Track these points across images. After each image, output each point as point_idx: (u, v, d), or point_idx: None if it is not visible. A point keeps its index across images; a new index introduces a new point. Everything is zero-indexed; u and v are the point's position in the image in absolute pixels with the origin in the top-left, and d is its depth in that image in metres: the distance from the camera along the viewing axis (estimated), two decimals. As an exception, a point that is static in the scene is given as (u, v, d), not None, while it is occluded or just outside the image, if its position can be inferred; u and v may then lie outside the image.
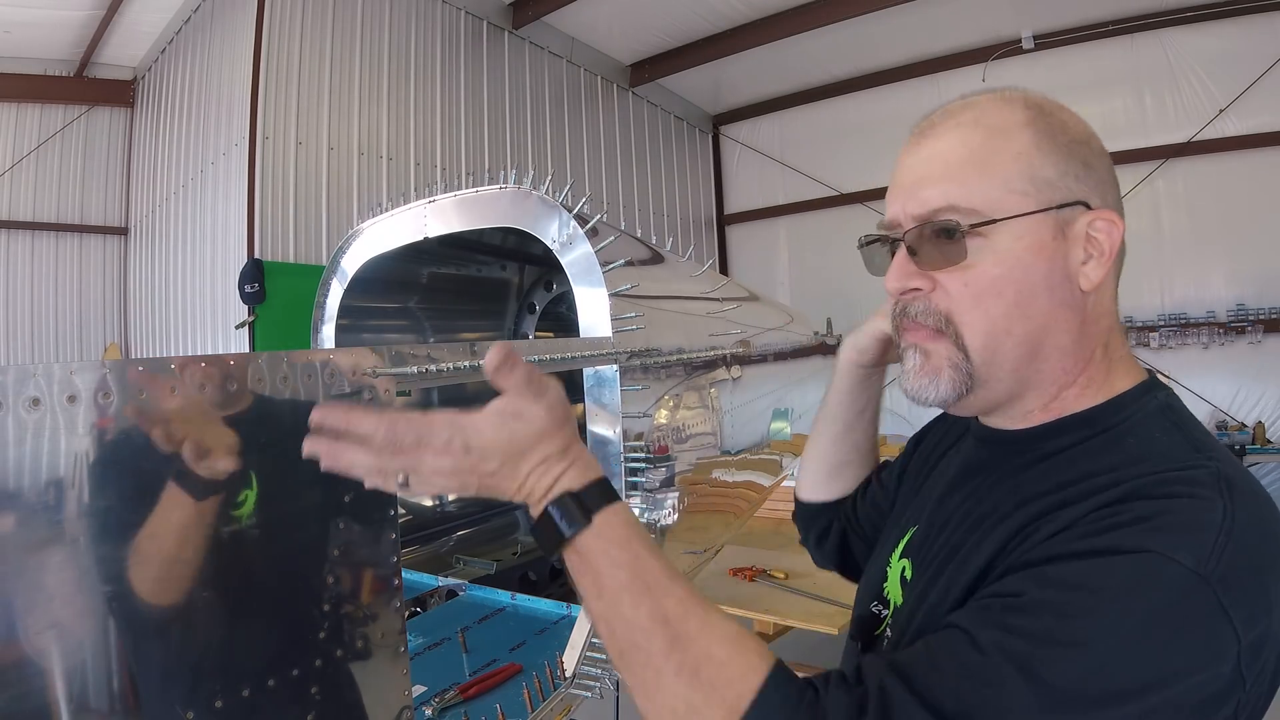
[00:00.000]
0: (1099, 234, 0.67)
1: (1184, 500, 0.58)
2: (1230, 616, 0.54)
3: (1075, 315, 0.68)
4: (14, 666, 0.59)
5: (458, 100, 6.01)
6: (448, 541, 2.30)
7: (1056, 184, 0.67)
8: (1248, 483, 0.62)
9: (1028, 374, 0.69)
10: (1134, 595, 0.55)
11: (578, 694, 1.25)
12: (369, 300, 1.99)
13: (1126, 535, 0.57)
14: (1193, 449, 0.64)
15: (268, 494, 0.76)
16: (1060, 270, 0.67)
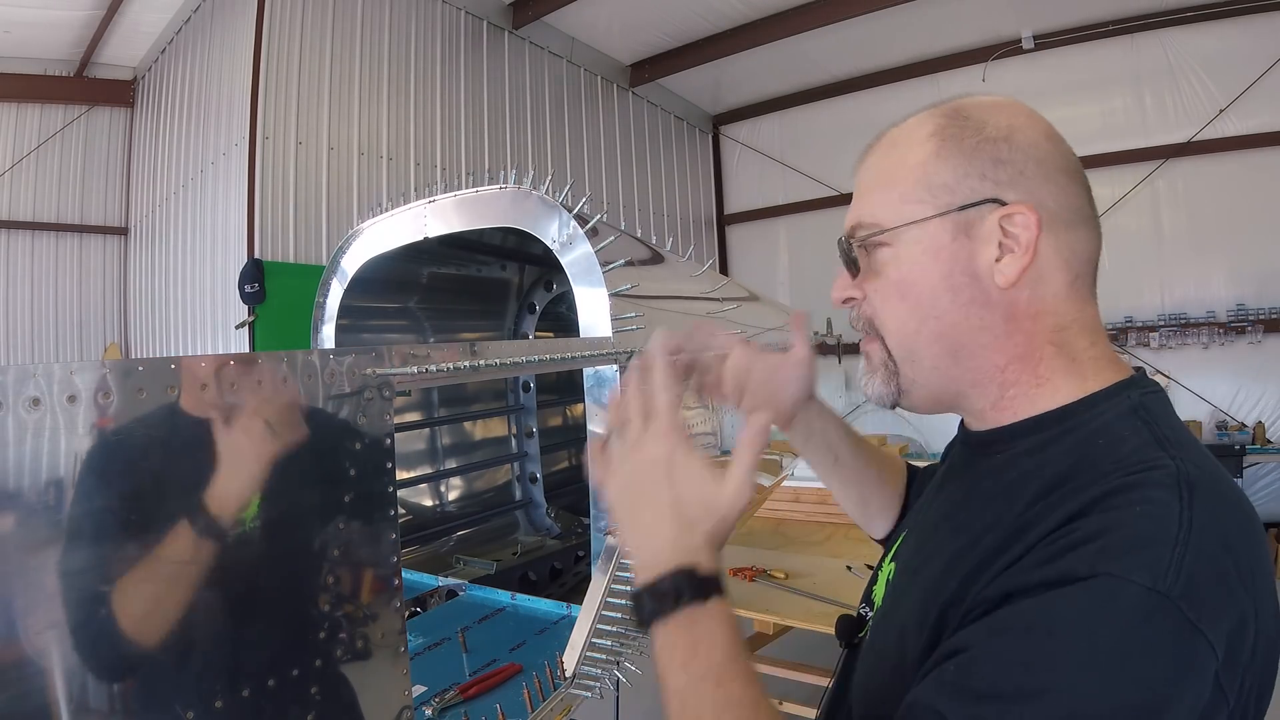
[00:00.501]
0: (1014, 228, 0.66)
1: (1136, 511, 0.55)
2: (1202, 630, 0.52)
3: (992, 313, 0.68)
4: (14, 666, 0.59)
5: (458, 100, 6.01)
6: (448, 541, 2.30)
7: (954, 187, 0.69)
8: (1214, 482, 0.59)
9: (956, 372, 0.71)
10: (1095, 626, 0.52)
11: (578, 694, 1.25)
12: (369, 300, 1.99)
13: (1078, 559, 0.54)
14: (1157, 447, 0.61)
15: (268, 494, 0.76)
16: (963, 269, 0.68)
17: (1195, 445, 0.63)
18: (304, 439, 0.80)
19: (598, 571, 1.32)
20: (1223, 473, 0.62)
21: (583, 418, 1.70)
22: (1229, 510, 0.58)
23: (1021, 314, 0.68)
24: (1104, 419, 0.65)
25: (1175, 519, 0.54)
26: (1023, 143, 0.68)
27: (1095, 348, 0.69)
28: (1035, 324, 0.68)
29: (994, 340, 0.69)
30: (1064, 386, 0.68)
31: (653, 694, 0.68)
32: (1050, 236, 0.67)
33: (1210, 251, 6.64)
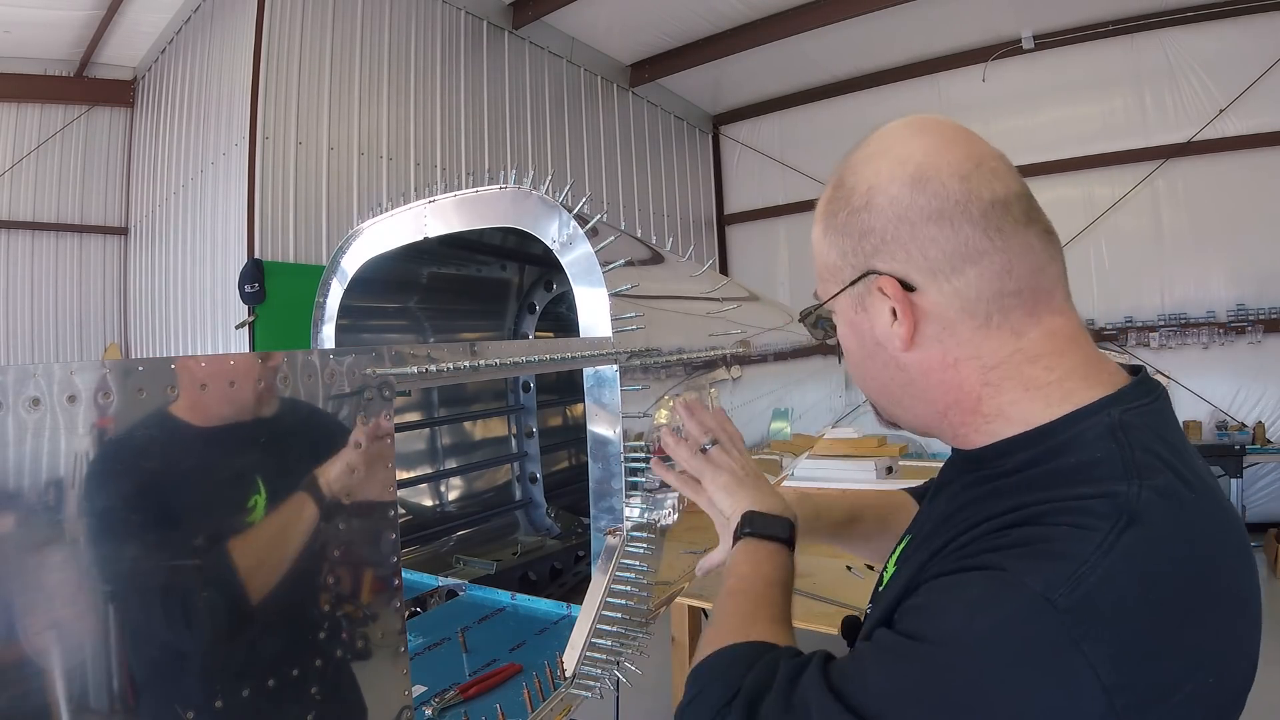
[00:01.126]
0: (888, 295, 0.68)
1: (1064, 529, 0.56)
2: (1083, 651, 0.52)
3: (906, 372, 0.72)
4: (14, 666, 0.59)
5: (458, 100, 6.01)
6: (448, 541, 2.30)
7: (841, 266, 0.73)
8: (1169, 518, 0.57)
9: (909, 416, 0.77)
10: (976, 611, 0.56)
11: (578, 694, 1.25)
12: (369, 300, 1.99)
13: (994, 556, 0.58)
14: (1123, 473, 0.59)
15: (268, 495, 0.76)
16: (870, 338, 0.73)
17: (1174, 468, 0.61)
18: (304, 439, 0.80)
19: (598, 571, 1.32)
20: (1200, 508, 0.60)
21: (583, 418, 1.70)
22: (1172, 548, 0.56)
23: (937, 366, 0.69)
24: (1082, 440, 0.64)
25: (1097, 542, 0.55)
26: (882, 204, 0.68)
27: (1055, 370, 0.67)
28: (957, 372, 0.69)
29: (922, 393, 0.72)
30: (1026, 414, 0.67)
31: (653, 694, 0.70)
32: (934, 290, 0.66)
33: (1210, 251, 6.64)
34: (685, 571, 1.66)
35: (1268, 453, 6.19)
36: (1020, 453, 0.67)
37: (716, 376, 1.78)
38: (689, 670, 0.77)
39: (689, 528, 1.60)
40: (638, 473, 1.32)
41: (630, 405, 1.33)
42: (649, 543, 1.32)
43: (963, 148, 0.67)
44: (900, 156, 0.68)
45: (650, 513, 1.34)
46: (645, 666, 1.33)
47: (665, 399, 1.47)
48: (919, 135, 0.69)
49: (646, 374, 1.39)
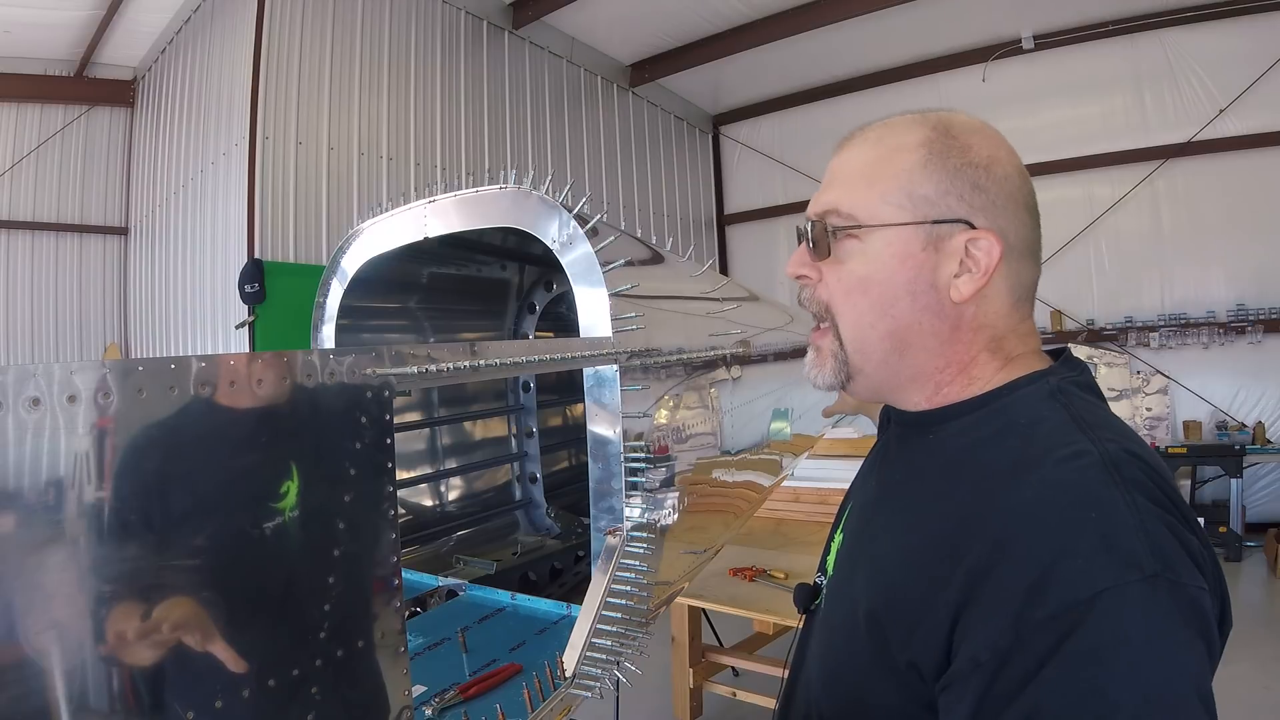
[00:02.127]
0: (978, 251, 0.72)
1: (1091, 517, 0.59)
2: (1186, 584, 0.57)
3: (943, 322, 0.74)
4: (14, 666, 0.59)
5: (458, 100, 6.01)
6: (448, 541, 2.30)
7: (935, 201, 0.73)
8: (1127, 449, 0.64)
9: (898, 367, 0.77)
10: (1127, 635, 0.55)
11: (578, 694, 1.25)
12: (369, 300, 1.99)
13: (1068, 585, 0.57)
14: (1074, 428, 0.66)
15: (268, 495, 0.76)
16: (926, 279, 0.74)
17: (1107, 419, 0.70)
18: (303, 440, 0.80)
19: (598, 571, 1.32)
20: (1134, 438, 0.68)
21: (583, 418, 1.70)
22: (1146, 469, 0.63)
23: (965, 326, 0.74)
24: (1026, 402, 0.71)
25: (1122, 506, 0.59)
26: (999, 174, 0.73)
27: (1024, 347, 0.76)
28: (976, 335, 0.75)
29: (938, 345, 0.75)
30: (987, 375, 0.75)
31: (653, 694, 0.69)
32: (1004, 264, 0.73)
33: (1210, 251, 6.64)
34: (685, 571, 1.66)
35: (1268, 453, 6.19)
36: (964, 417, 0.74)
37: (716, 376, 1.78)
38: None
39: (689, 527, 1.60)
40: (638, 473, 1.32)
41: (630, 405, 1.33)
42: (649, 543, 1.32)
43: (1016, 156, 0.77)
44: (1010, 148, 0.76)
45: (650, 513, 1.34)
46: (645, 666, 1.33)
47: (666, 399, 1.47)
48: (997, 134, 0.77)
49: (646, 374, 1.39)
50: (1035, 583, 0.58)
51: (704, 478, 1.72)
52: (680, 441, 1.54)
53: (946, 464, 0.73)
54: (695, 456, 1.63)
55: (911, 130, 0.76)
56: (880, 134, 0.78)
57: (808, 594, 0.92)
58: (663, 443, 1.45)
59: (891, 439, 0.86)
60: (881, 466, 0.87)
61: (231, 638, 0.72)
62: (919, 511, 0.73)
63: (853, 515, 0.90)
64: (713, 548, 1.84)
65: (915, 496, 0.76)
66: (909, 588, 0.68)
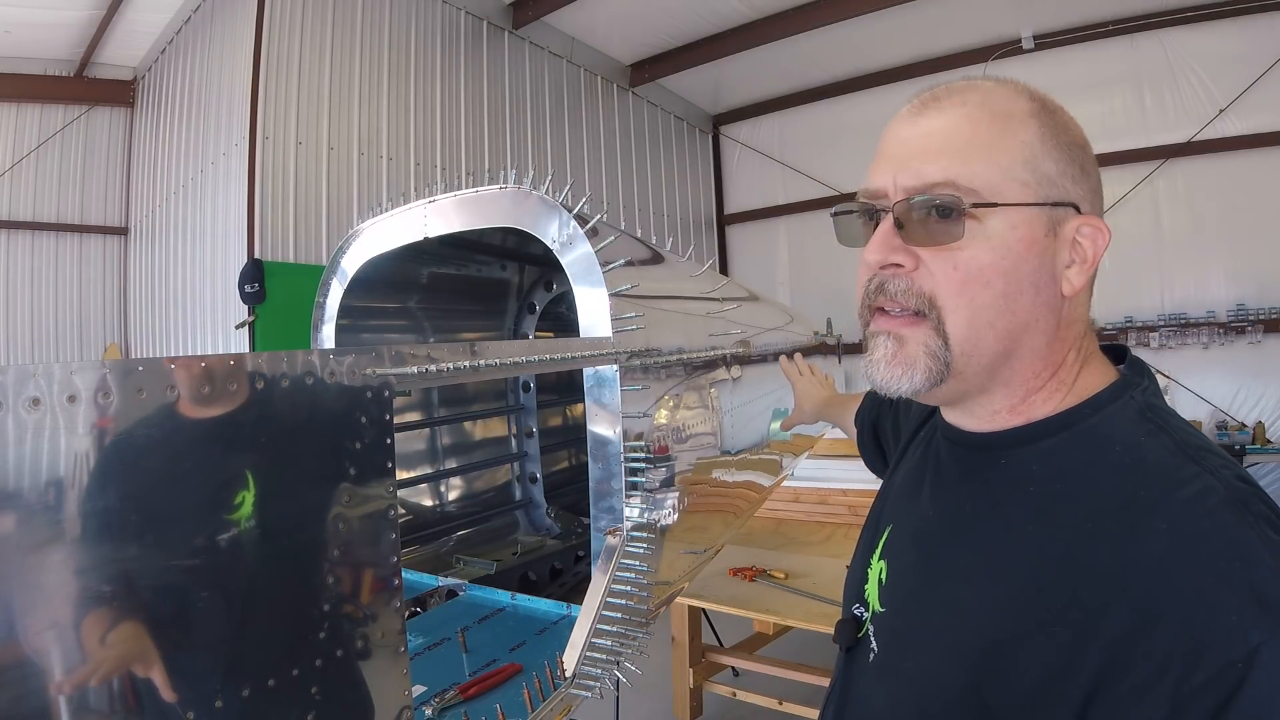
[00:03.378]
0: (1085, 240, 0.65)
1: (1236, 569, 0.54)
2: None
3: (1053, 317, 0.66)
4: (14, 666, 0.59)
5: (458, 100, 6.01)
6: (448, 541, 2.30)
7: (1055, 181, 0.65)
8: (1242, 479, 0.59)
9: (1002, 371, 0.67)
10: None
11: (578, 694, 1.25)
12: (369, 300, 1.99)
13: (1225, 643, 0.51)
14: (1184, 457, 0.60)
15: (268, 495, 0.76)
16: (1048, 269, 0.65)
17: (1209, 445, 0.63)
18: (304, 439, 0.80)
19: (598, 571, 1.32)
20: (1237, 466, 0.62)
21: (582, 418, 1.70)
22: (1260, 494, 0.59)
23: (1064, 321, 0.67)
24: (1116, 423, 0.64)
25: (1262, 551, 0.54)
26: (1093, 158, 0.68)
27: (1094, 344, 0.71)
28: (1070, 331, 0.68)
29: (1045, 346, 0.67)
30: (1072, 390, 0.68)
31: (653, 694, 0.69)
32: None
33: (1210, 251, 6.64)
34: (685, 571, 1.66)
35: (1268, 453, 6.19)
36: (1044, 440, 0.66)
37: (716, 376, 1.78)
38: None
39: (689, 527, 1.60)
40: (638, 473, 1.32)
41: (630, 405, 1.33)
42: (649, 543, 1.32)
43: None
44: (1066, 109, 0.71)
45: (650, 513, 1.34)
46: (645, 666, 1.33)
47: (667, 398, 1.47)
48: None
49: (646, 374, 1.39)
50: (1190, 649, 0.52)
51: (704, 478, 1.72)
52: (680, 441, 1.54)
53: (1036, 498, 0.63)
54: (695, 456, 1.63)
55: (1017, 97, 0.67)
56: (981, 98, 0.66)
57: (850, 630, 0.81)
58: (663, 443, 1.45)
59: (945, 458, 0.76)
60: (935, 489, 0.76)
61: (231, 637, 0.72)
62: (1009, 555, 0.63)
63: (900, 542, 0.78)
64: (713, 548, 1.85)
65: (999, 536, 0.65)
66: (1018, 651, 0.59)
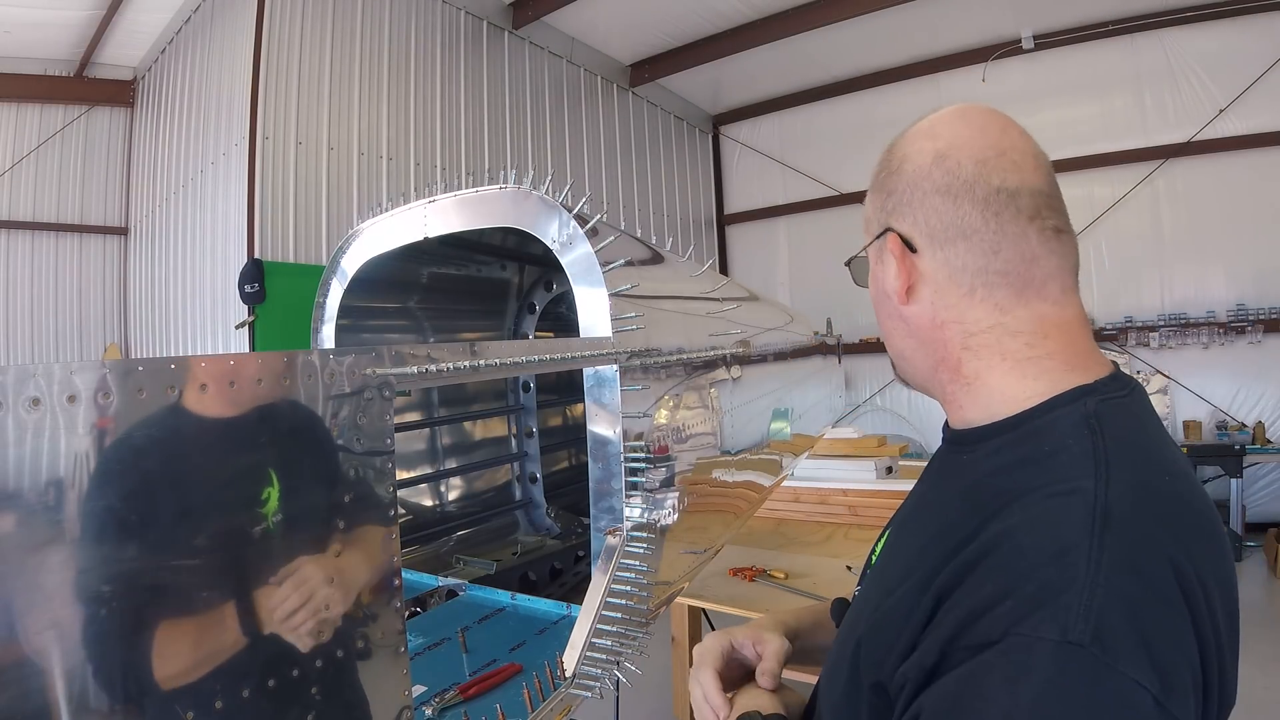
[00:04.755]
0: (892, 251, 0.76)
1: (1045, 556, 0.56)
2: (1120, 670, 0.52)
3: (906, 324, 0.78)
4: (14, 666, 0.59)
5: (458, 100, 6.01)
6: (448, 541, 2.30)
7: (873, 220, 0.80)
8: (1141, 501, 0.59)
9: (911, 371, 0.81)
10: (1012, 689, 0.53)
11: (578, 694, 1.25)
12: (369, 300, 1.99)
13: (991, 622, 0.55)
14: (1092, 462, 0.61)
15: (267, 494, 0.76)
16: (881, 289, 0.79)
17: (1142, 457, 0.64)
18: (304, 439, 0.80)
19: (598, 571, 1.32)
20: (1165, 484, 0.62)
21: (582, 418, 1.70)
22: (1153, 532, 0.58)
23: (928, 325, 0.75)
24: (1057, 427, 0.66)
25: (1084, 559, 0.55)
26: (909, 172, 0.75)
27: (1036, 349, 0.71)
28: (944, 331, 0.75)
29: (918, 346, 0.78)
30: (1004, 383, 0.72)
31: (653, 694, 0.69)
32: (932, 255, 0.73)
33: (1210, 251, 6.64)
34: (685, 571, 1.66)
35: (1268, 453, 6.19)
36: (998, 437, 0.71)
37: (716, 376, 1.78)
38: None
39: (689, 527, 1.60)
40: (638, 473, 1.32)
41: (630, 405, 1.33)
42: (649, 543, 1.32)
43: (992, 137, 0.73)
44: (936, 134, 0.75)
45: (650, 513, 1.34)
46: (645, 666, 1.33)
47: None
48: (959, 121, 0.75)
49: (646, 374, 1.39)
50: (970, 612, 0.57)
51: (704, 478, 1.72)
52: (680, 441, 1.54)
53: (970, 488, 0.69)
54: (695, 456, 1.63)
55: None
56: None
57: (843, 609, 0.89)
58: (663, 443, 1.45)
59: (935, 458, 0.84)
60: (922, 480, 0.86)
61: (231, 638, 0.72)
62: (929, 535, 0.69)
63: (891, 527, 0.88)
64: (713, 548, 1.85)
65: (932, 519, 0.73)
66: (894, 610, 0.66)
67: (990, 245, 0.71)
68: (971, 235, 0.71)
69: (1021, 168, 0.71)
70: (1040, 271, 0.71)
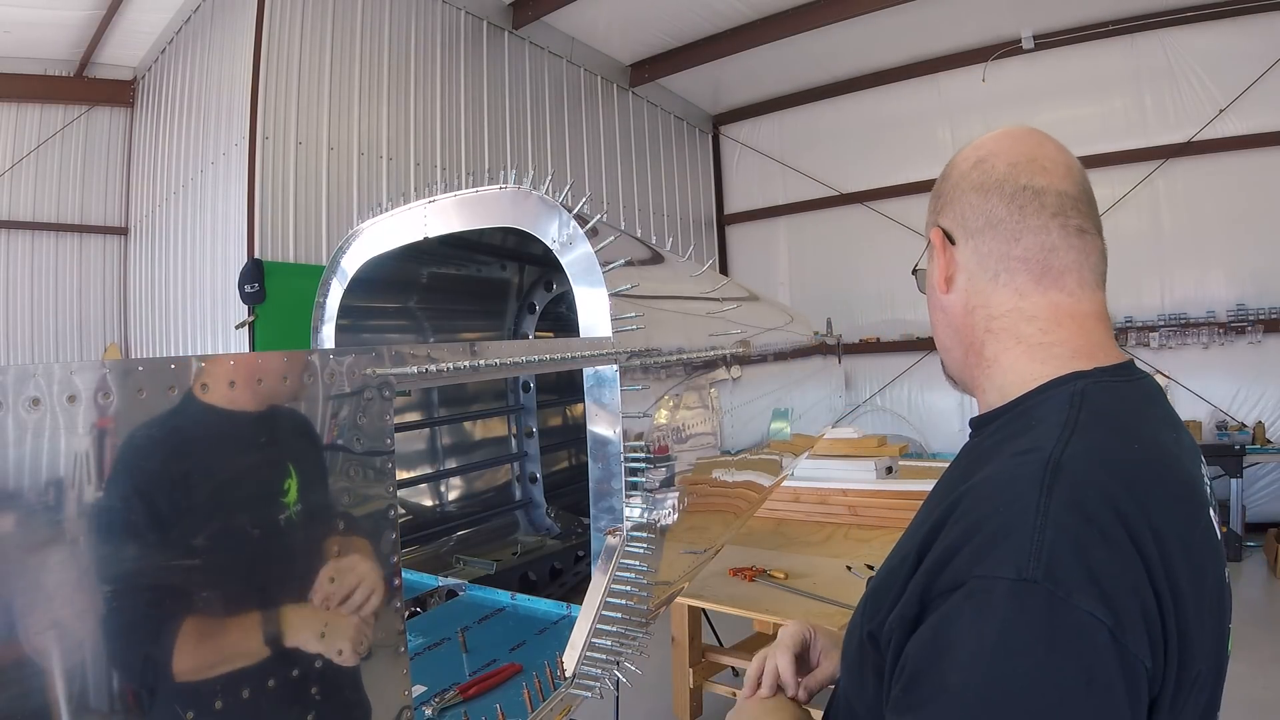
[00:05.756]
0: (936, 244, 0.84)
1: (996, 506, 0.61)
2: (1074, 604, 0.55)
3: (946, 314, 0.85)
4: (14, 666, 0.59)
5: (458, 100, 6.01)
6: (448, 541, 2.30)
7: (928, 220, 0.87)
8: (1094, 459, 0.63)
9: (950, 361, 0.88)
10: (977, 629, 0.57)
11: (578, 694, 1.25)
12: (369, 300, 1.99)
13: (955, 569, 0.60)
14: (1061, 428, 0.66)
15: (269, 495, 0.76)
16: (932, 283, 0.86)
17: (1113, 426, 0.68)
18: (304, 439, 0.80)
19: (598, 571, 1.32)
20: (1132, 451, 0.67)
21: (582, 418, 1.70)
22: (1102, 481, 0.62)
23: (961, 311, 0.82)
24: (1047, 405, 0.71)
25: (1033, 506, 0.59)
26: (951, 174, 0.84)
27: (1049, 335, 0.76)
28: (973, 317, 0.81)
29: (954, 335, 0.84)
30: (1016, 365, 0.77)
31: (653, 694, 0.69)
32: (964, 245, 0.81)
33: (1210, 251, 6.64)
34: (685, 571, 1.66)
35: (1268, 453, 6.19)
36: (999, 419, 0.76)
37: (716, 376, 1.78)
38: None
39: (689, 527, 1.60)
40: (638, 473, 1.32)
41: (630, 405, 1.33)
42: (649, 543, 1.32)
43: (1027, 146, 0.80)
44: (980, 145, 0.83)
45: (650, 513, 1.34)
46: (645, 666, 1.33)
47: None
48: (1004, 136, 0.83)
49: (646, 374, 1.39)
50: (939, 560, 0.62)
51: (704, 478, 1.72)
52: (680, 441, 1.54)
53: (973, 463, 0.73)
54: (695, 456, 1.63)
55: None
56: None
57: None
58: (663, 443, 1.45)
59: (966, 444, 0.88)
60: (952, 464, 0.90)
61: (231, 638, 0.72)
62: (930, 507, 0.75)
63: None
64: (713, 548, 1.85)
65: (936, 494, 0.78)
66: (890, 573, 0.71)
67: (1012, 233, 0.77)
68: (998, 225, 0.78)
69: (1050, 172, 0.77)
70: (1059, 262, 0.76)
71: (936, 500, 0.73)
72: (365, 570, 0.83)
